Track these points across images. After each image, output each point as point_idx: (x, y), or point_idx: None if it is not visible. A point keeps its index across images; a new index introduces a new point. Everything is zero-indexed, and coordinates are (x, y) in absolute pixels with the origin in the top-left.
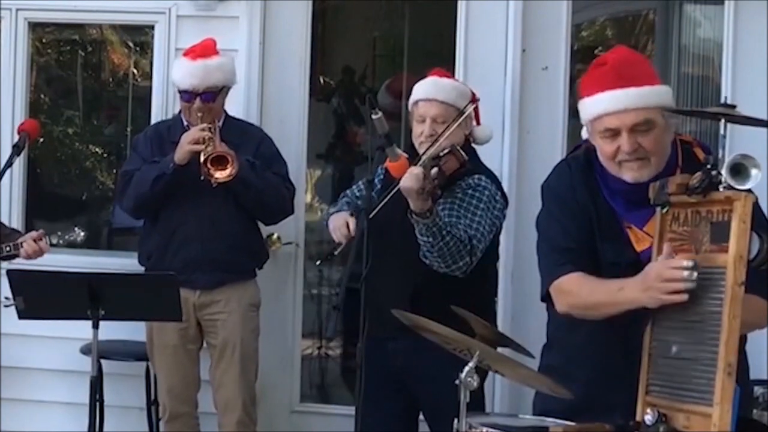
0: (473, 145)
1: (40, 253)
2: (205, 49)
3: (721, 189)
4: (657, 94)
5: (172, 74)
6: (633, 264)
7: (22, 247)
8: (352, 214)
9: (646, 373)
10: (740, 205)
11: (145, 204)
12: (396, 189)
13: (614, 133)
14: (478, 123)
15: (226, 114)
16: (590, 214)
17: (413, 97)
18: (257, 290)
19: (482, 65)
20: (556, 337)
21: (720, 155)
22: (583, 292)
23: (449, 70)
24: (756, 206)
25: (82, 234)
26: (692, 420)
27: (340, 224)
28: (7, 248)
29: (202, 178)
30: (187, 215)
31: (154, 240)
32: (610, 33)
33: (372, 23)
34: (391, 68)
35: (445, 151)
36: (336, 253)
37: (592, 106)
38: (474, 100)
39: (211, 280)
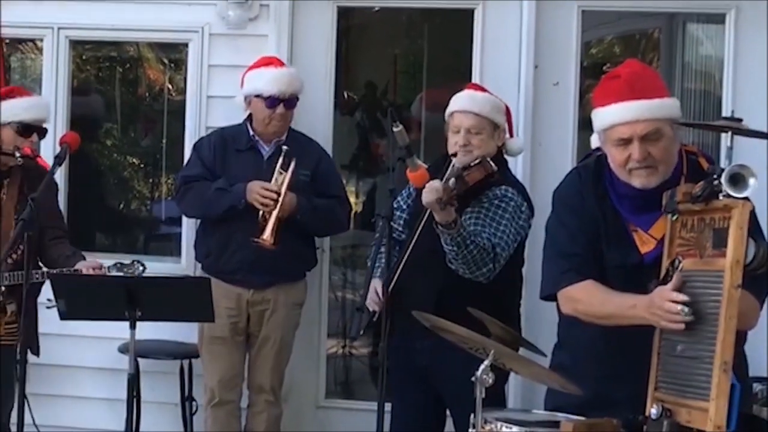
0: (506, 156)
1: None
2: (275, 61)
3: (720, 197)
4: (666, 107)
5: (251, 83)
6: (637, 266)
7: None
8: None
9: (655, 370)
10: (738, 213)
11: (211, 220)
12: (428, 212)
13: (626, 142)
14: (512, 135)
15: (289, 127)
16: (597, 219)
17: (449, 109)
18: (304, 290)
19: (497, 80)
20: (566, 337)
21: (725, 165)
22: (594, 301)
23: (464, 86)
24: (752, 214)
25: (141, 268)
26: (693, 415)
27: (372, 293)
28: (66, 272)
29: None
30: (245, 222)
31: (213, 241)
32: (618, 50)
33: (393, 41)
34: (411, 84)
35: (476, 161)
36: (374, 319)
37: (605, 116)
38: (508, 113)
39: (262, 281)
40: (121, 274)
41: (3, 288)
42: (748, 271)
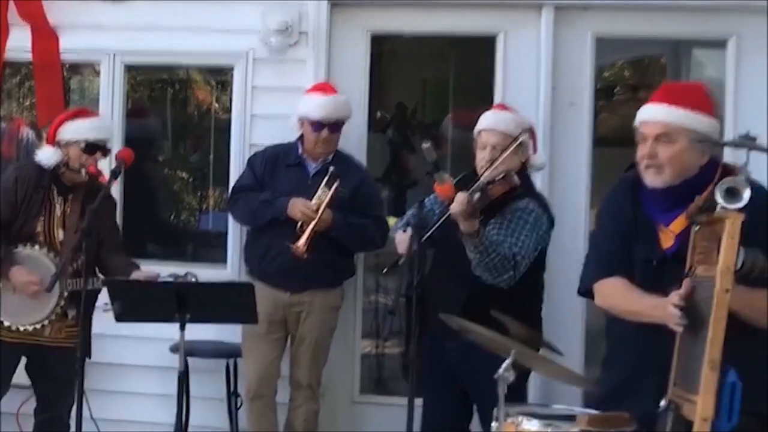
0: (529, 171)
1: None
2: (327, 88)
3: (718, 209)
4: (688, 118)
5: (303, 106)
6: (661, 260)
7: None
8: (410, 229)
9: (675, 367)
10: (730, 223)
11: (257, 227)
12: (447, 214)
13: (644, 140)
14: (535, 151)
15: (336, 148)
16: (630, 222)
17: (478, 127)
18: (340, 296)
19: (517, 101)
20: (606, 330)
21: None
22: (623, 298)
23: (488, 107)
24: (757, 224)
25: (194, 279)
26: (691, 408)
27: (403, 239)
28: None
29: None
30: (287, 232)
31: (258, 246)
32: (628, 74)
33: (422, 65)
34: (438, 105)
35: (500, 176)
36: (399, 263)
37: (639, 113)
38: (532, 131)
39: (298, 285)
40: (173, 280)
41: (65, 293)
42: (741, 276)
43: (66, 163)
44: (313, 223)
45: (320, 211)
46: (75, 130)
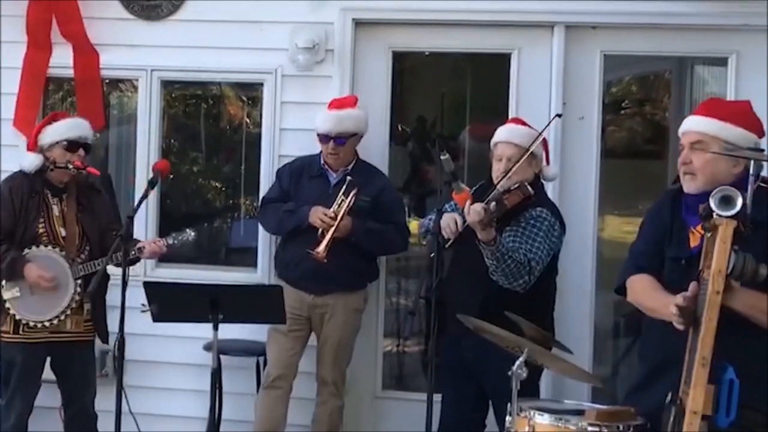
0: (542, 181)
1: (158, 251)
2: (343, 103)
3: (714, 216)
4: (723, 129)
5: (318, 120)
6: (688, 259)
7: (143, 250)
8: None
9: (685, 364)
10: (722, 229)
11: (283, 234)
12: (466, 224)
13: (683, 147)
14: (548, 163)
15: (358, 157)
16: (667, 225)
17: (494, 139)
18: (363, 298)
19: (530, 115)
20: (643, 325)
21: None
22: (645, 294)
23: (503, 120)
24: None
25: (193, 234)
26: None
27: (450, 221)
28: (133, 252)
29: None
30: (309, 239)
31: (285, 254)
32: (635, 89)
33: (440, 81)
34: (456, 118)
35: (515, 186)
36: (447, 246)
37: (681, 124)
38: (545, 143)
39: (321, 288)
40: (176, 242)
41: (80, 282)
42: (733, 279)
43: (53, 162)
44: (332, 229)
45: (338, 218)
46: (54, 132)
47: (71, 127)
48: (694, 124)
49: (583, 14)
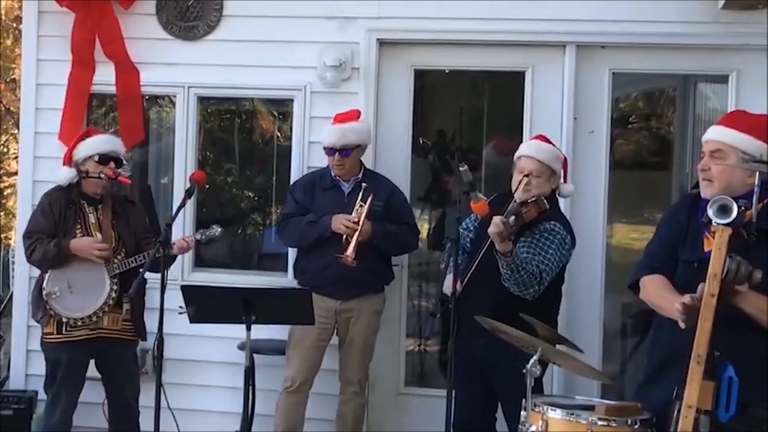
0: (558, 197)
1: (187, 247)
2: (347, 116)
3: (713, 224)
4: (742, 141)
5: (323, 135)
6: (700, 262)
7: (173, 247)
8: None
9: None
10: (718, 236)
11: (306, 247)
12: (489, 241)
13: (703, 154)
14: (566, 181)
15: (364, 167)
16: (683, 229)
17: (518, 152)
18: (383, 301)
19: (543, 129)
20: (655, 323)
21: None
22: (654, 293)
23: (518, 134)
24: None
25: (219, 230)
26: None
27: (449, 283)
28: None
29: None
30: (332, 247)
31: (309, 261)
32: (641, 105)
33: (459, 97)
34: (474, 132)
35: (532, 199)
36: (450, 306)
37: (706, 131)
38: (565, 162)
39: (347, 293)
40: (203, 237)
41: (116, 279)
42: (728, 282)
43: (86, 173)
44: (357, 233)
45: (361, 223)
46: (87, 147)
47: (103, 142)
48: (715, 134)
49: (593, 34)
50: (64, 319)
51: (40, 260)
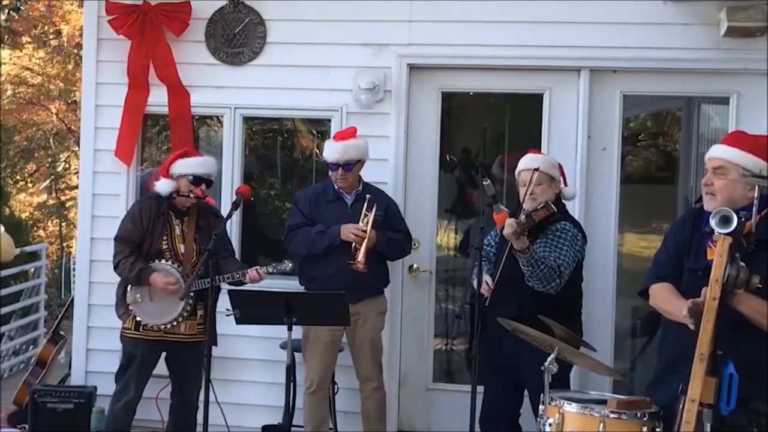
0: (563, 200)
1: (258, 279)
2: (347, 134)
3: (715, 233)
4: (742, 158)
5: (325, 151)
6: (704, 269)
7: (246, 275)
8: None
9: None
10: (719, 244)
11: (314, 256)
12: (509, 245)
13: (707, 170)
14: (566, 184)
15: (363, 181)
16: (688, 241)
17: (518, 168)
18: (385, 302)
19: (560, 146)
20: (661, 325)
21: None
22: (663, 299)
23: (537, 152)
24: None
25: (290, 265)
26: None
27: (484, 284)
28: (237, 275)
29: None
30: (341, 254)
31: (318, 269)
32: (650, 124)
33: (483, 117)
34: (496, 149)
35: (540, 205)
36: (486, 304)
37: (709, 150)
38: (560, 168)
39: (355, 297)
40: (275, 271)
41: (192, 294)
42: (728, 287)
43: (177, 191)
44: (366, 241)
45: (368, 231)
46: (184, 166)
47: (199, 164)
48: (719, 152)
49: (606, 60)
50: (143, 322)
51: (121, 276)
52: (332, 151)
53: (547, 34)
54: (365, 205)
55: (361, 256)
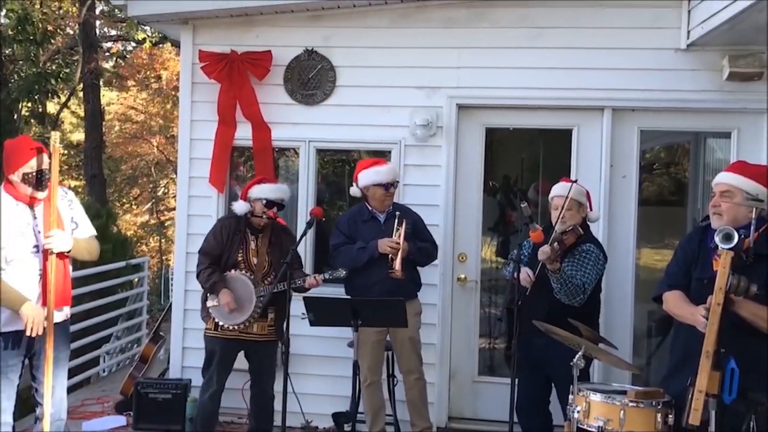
0: (588, 222)
1: (316, 285)
2: (379, 161)
3: (719, 248)
4: (746, 184)
5: (370, 177)
6: (710, 279)
7: (305, 281)
8: (514, 264)
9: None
10: (722, 258)
11: (357, 269)
12: (541, 264)
13: (714, 194)
14: (591, 209)
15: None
16: (695, 253)
17: (551, 194)
18: (419, 304)
19: (587, 174)
20: (673, 327)
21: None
22: (674, 304)
23: (569, 179)
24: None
25: (344, 272)
26: None
27: (525, 276)
28: (299, 281)
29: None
30: (379, 266)
31: (360, 280)
32: (663, 155)
33: (520, 149)
34: (532, 177)
35: (569, 228)
36: (527, 293)
37: (716, 176)
38: (588, 195)
39: None
40: (330, 277)
41: (260, 305)
42: (730, 294)
43: (252, 212)
44: (401, 251)
45: (401, 243)
46: (260, 191)
47: (273, 190)
48: (726, 178)
49: (625, 100)
50: (221, 323)
51: (200, 284)
52: (386, 173)
53: (575, 79)
54: (396, 221)
55: (397, 264)
